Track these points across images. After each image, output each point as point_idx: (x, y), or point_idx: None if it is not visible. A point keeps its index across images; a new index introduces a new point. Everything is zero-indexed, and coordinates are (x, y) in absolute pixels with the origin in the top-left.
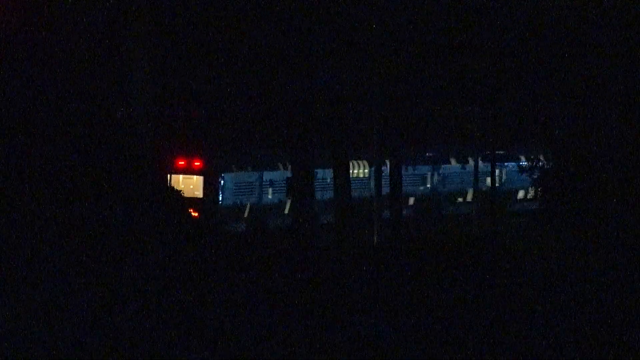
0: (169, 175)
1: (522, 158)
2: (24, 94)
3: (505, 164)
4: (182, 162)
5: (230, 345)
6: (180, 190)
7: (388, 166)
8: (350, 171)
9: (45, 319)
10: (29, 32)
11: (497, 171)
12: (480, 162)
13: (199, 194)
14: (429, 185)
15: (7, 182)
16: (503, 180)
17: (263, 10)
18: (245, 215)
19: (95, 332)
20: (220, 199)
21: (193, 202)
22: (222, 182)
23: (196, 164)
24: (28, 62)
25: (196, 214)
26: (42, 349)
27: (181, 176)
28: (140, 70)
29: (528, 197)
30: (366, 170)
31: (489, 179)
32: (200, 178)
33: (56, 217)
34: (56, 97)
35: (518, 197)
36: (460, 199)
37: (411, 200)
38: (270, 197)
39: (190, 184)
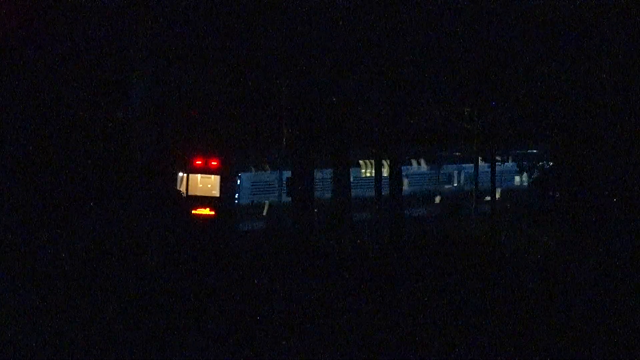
0: (186, 175)
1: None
2: (23, 95)
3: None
4: (200, 162)
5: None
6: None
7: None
8: (363, 170)
9: (45, 320)
10: (28, 33)
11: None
12: (510, 161)
13: (216, 193)
14: (455, 184)
15: (7, 183)
16: (527, 179)
17: (267, 14)
18: (264, 213)
19: (95, 333)
20: (236, 197)
21: (210, 201)
22: (239, 181)
23: (213, 163)
24: (28, 63)
25: (213, 213)
26: (42, 349)
27: (199, 175)
28: (140, 70)
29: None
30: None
31: (517, 178)
32: (217, 177)
33: (56, 219)
34: (56, 97)
35: None
36: (488, 198)
37: (437, 199)
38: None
39: (208, 184)
